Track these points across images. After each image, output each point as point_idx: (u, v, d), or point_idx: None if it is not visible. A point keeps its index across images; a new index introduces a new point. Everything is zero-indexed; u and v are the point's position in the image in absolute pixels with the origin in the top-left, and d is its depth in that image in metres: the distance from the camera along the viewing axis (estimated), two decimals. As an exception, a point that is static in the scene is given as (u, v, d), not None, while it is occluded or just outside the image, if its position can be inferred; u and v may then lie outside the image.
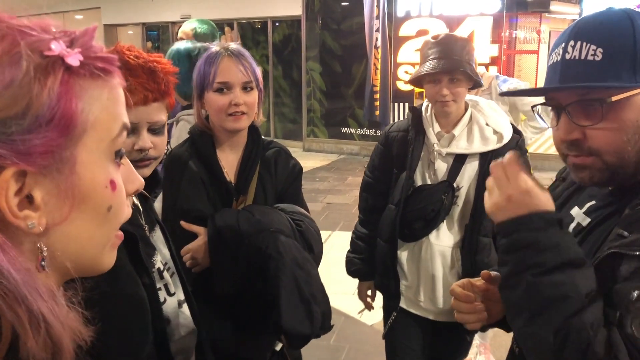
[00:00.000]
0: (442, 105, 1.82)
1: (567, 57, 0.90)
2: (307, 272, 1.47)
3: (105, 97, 0.52)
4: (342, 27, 9.16)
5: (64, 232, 0.51)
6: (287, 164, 1.67)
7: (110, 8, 12.48)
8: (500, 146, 1.80)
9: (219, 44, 1.56)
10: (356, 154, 9.10)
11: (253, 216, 1.49)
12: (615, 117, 0.86)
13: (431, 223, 1.87)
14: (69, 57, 0.49)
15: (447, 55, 1.78)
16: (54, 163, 0.48)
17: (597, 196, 1.00)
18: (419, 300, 1.96)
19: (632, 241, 0.81)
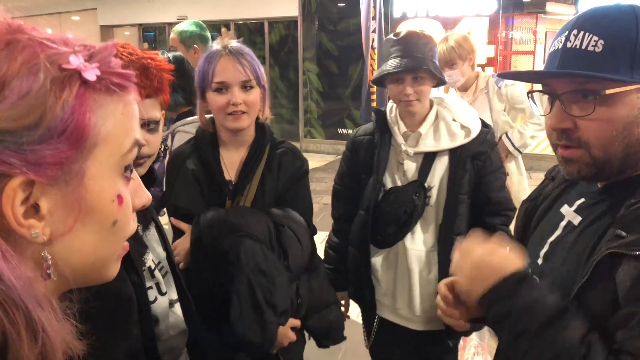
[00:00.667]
0: (406, 105, 1.77)
1: (569, 45, 0.90)
2: (270, 280, 1.43)
3: (119, 112, 0.53)
4: (339, 28, 9.16)
5: (67, 243, 0.51)
6: (292, 164, 1.64)
7: (106, 9, 12.46)
8: (468, 141, 1.76)
9: (220, 41, 1.55)
10: (353, 155, 9.10)
11: (227, 218, 1.48)
12: (607, 110, 0.87)
13: (404, 226, 1.81)
14: (86, 71, 0.49)
15: (410, 54, 1.72)
16: (62, 175, 0.49)
17: (587, 194, 1.01)
18: (396, 308, 1.90)
19: (631, 241, 0.82)
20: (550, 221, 1.08)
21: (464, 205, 1.78)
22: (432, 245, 1.83)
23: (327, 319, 1.68)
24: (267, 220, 1.52)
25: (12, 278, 0.44)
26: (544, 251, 1.04)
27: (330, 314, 1.68)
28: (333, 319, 1.69)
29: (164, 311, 1.23)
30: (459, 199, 1.76)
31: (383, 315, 1.97)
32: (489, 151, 1.78)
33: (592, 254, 0.89)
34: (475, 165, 1.77)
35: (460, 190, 1.76)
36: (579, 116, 0.90)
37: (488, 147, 1.78)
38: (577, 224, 0.99)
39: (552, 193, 1.13)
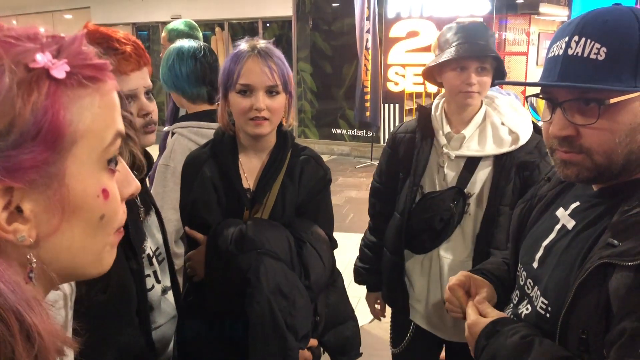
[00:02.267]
0: (466, 97, 1.62)
1: (570, 53, 0.88)
2: (291, 301, 1.34)
3: (96, 105, 0.51)
4: (333, 28, 9.17)
5: (55, 243, 0.50)
6: (315, 173, 1.53)
7: (100, 8, 12.40)
8: (515, 148, 1.62)
9: (249, 40, 1.46)
10: (347, 155, 9.11)
11: (246, 233, 1.38)
12: (610, 118, 0.86)
13: (441, 234, 1.71)
14: (54, 69, 0.47)
15: (474, 40, 1.58)
16: (41, 177, 0.47)
17: (582, 197, 1.00)
18: (428, 315, 1.82)
19: (623, 251, 0.81)
20: (546, 224, 1.07)
21: (504, 217, 1.63)
22: (467, 255, 1.71)
23: (344, 335, 1.59)
24: (288, 235, 1.43)
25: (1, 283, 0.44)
26: (539, 255, 1.04)
27: (347, 330, 1.59)
28: (350, 335, 1.59)
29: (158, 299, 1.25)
30: (500, 210, 1.64)
31: (416, 321, 1.88)
32: (537, 161, 1.62)
33: (584, 260, 0.89)
34: (522, 176, 1.63)
35: (501, 200, 1.63)
36: (582, 125, 0.88)
37: (537, 157, 1.63)
38: (571, 228, 0.98)
39: (547, 194, 1.12)
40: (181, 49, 1.95)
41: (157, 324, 1.26)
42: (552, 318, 0.95)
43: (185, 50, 1.94)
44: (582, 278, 0.85)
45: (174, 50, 1.96)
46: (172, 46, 1.99)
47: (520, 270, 1.10)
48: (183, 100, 2.01)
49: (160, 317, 1.26)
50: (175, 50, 1.95)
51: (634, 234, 0.82)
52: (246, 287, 1.33)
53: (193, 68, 1.92)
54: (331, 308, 1.54)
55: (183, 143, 1.88)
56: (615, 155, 0.87)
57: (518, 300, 1.09)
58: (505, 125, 1.66)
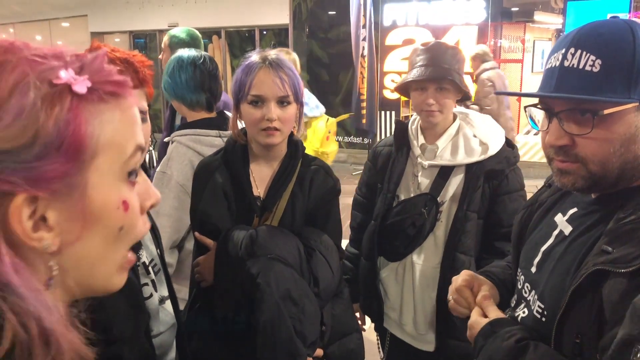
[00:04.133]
0: (428, 115, 1.73)
1: (566, 64, 0.90)
2: (301, 307, 1.35)
3: (117, 119, 0.54)
4: (329, 35, 9.22)
5: (76, 251, 0.53)
6: (325, 183, 1.55)
7: (97, 16, 12.43)
8: (484, 158, 1.70)
9: (259, 51, 1.49)
10: (343, 162, 9.13)
11: (256, 238, 1.39)
12: (605, 128, 0.88)
13: (414, 240, 1.77)
14: (76, 84, 0.50)
15: (436, 63, 1.69)
16: (64, 187, 0.50)
17: (580, 204, 1.01)
18: (402, 323, 1.87)
19: (617, 258, 0.82)
20: (545, 229, 1.09)
21: (472, 223, 1.71)
22: (438, 262, 1.76)
23: (348, 348, 1.59)
24: (298, 242, 1.44)
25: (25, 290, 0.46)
26: (537, 260, 1.05)
27: (351, 343, 1.59)
28: (354, 348, 1.60)
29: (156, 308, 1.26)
30: (467, 216, 1.70)
31: (390, 329, 1.94)
32: (506, 170, 1.71)
33: (579, 266, 0.90)
34: (491, 185, 1.71)
35: (469, 207, 1.70)
36: (577, 134, 0.90)
37: (506, 166, 1.71)
38: (568, 234, 0.99)
39: (547, 200, 1.14)
40: (181, 57, 1.99)
41: (156, 332, 1.27)
42: (547, 322, 0.96)
43: (185, 58, 1.98)
44: (576, 284, 0.87)
45: (174, 59, 2.00)
46: (173, 56, 2.04)
47: (519, 274, 1.12)
48: (183, 108, 2.04)
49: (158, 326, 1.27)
50: (176, 59, 2.00)
51: (628, 241, 0.83)
52: (255, 292, 1.33)
53: (192, 75, 1.95)
54: (336, 319, 1.55)
55: (181, 151, 1.90)
56: (610, 164, 0.89)
57: (516, 303, 1.11)
58: (476, 137, 1.74)
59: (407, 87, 1.79)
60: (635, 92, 0.86)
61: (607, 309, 0.83)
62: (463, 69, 1.77)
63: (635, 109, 0.87)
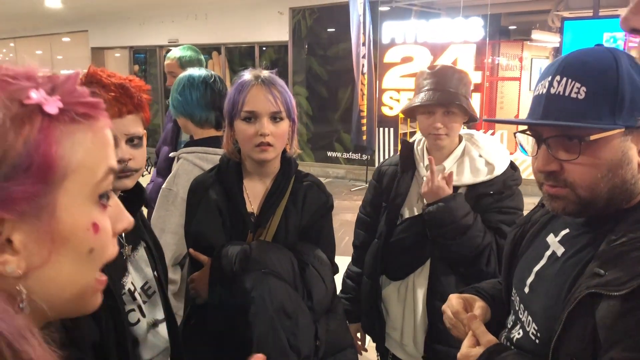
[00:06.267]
0: (435, 139, 1.74)
1: (552, 92, 0.93)
2: (295, 321, 1.37)
3: (89, 141, 0.53)
4: (329, 53, 9.28)
5: (44, 274, 0.51)
6: (317, 199, 1.57)
7: (98, 31, 12.54)
8: (490, 178, 1.71)
9: (252, 70, 1.53)
10: (342, 178, 9.14)
11: (250, 253, 1.41)
12: (592, 154, 0.89)
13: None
14: (47, 105, 0.49)
15: (443, 87, 1.71)
16: (32, 209, 0.48)
17: (571, 224, 1.02)
18: (403, 344, 1.86)
19: (609, 281, 0.83)
20: (537, 249, 1.09)
21: None
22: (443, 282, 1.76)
23: None
24: (291, 257, 1.46)
25: None
26: (530, 280, 1.06)
27: (346, 358, 1.60)
28: None
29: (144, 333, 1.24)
30: None
31: (392, 349, 1.92)
32: (502, 190, 1.72)
33: (571, 288, 0.91)
34: (484, 202, 1.72)
35: None
36: (565, 160, 0.92)
37: (503, 187, 1.72)
38: (560, 255, 1.00)
39: (540, 220, 1.14)
40: (192, 76, 2.02)
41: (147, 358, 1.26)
42: (541, 344, 0.97)
43: (196, 77, 2.01)
44: (571, 307, 0.87)
45: (185, 77, 2.03)
46: (183, 74, 2.07)
47: (515, 294, 1.12)
48: (190, 126, 2.05)
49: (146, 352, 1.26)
50: (187, 77, 2.03)
51: (620, 263, 0.83)
52: (250, 306, 1.35)
53: (203, 93, 1.99)
54: (331, 334, 1.55)
55: (188, 168, 1.91)
56: (599, 189, 0.91)
57: (512, 324, 1.11)
58: (482, 157, 1.76)
59: (414, 111, 1.80)
60: (620, 118, 0.87)
61: (601, 331, 0.83)
62: (470, 92, 1.78)
63: (621, 135, 0.88)
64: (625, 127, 0.88)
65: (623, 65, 0.89)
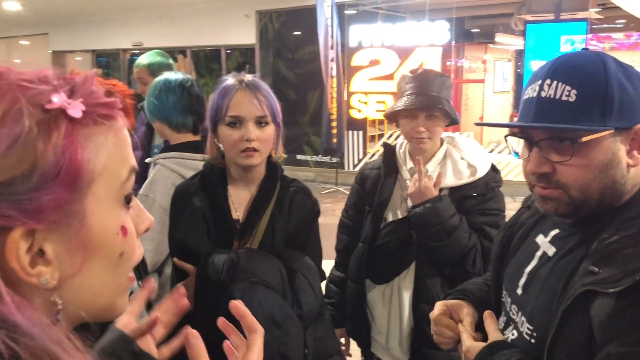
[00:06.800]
0: (418, 142, 1.75)
1: (543, 95, 0.94)
2: (285, 331, 1.34)
3: (111, 142, 0.52)
4: (296, 56, 9.27)
5: (77, 283, 0.50)
6: (304, 205, 1.55)
7: (58, 34, 12.23)
8: (473, 180, 1.73)
9: (235, 75, 1.51)
10: (312, 181, 9.13)
11: (238, 262, 1.38)
12: (584, 155, 0.91)
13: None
14: (70, 108, 0.48)
15: (425, 91, 1.71)
16: (63, 217, 0.47)
17: (561, 225, 1.04)
18: (389, 347, 1.86)
19: (604, 278, 0.84)
20: (527, 250, 1.10)
21: None
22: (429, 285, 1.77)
23: None
24: (279, 265, 1.44)
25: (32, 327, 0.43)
26: (522, 281, 1.07)
27: None
28: None
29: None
30: None
31: (378, 354, 1.92)
32: (485, 192, 1.74)
33: (566, 286, 0.92)
34: (467, 204, 1.74)
35: None
36: (557, 162, 0.93)
37: (485, 189, 1.74)
38: (552, 255, 1.01)
39: (528, 222, 1.16)
40: (169, 79, 1.99)
41: None
42: (537, 343, 0.98)
43: (172, 81, 1.98)
44: (566, 305, 0.88)
45: (161, 81, 2.00)
46: (159, 78, 2.03)
47: (505, 296, 1.13)
48: (167, 130, 2.01)
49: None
50: (163, 81, 1.99)
51: (614, 261, 0.85)
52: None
53: (180, 97, 1.96)
54: (319, 341, 1.53)
55: (165, 174, 1.88)
56: (591, 190, 0.92)
57: (505, 325, 1.12)
58: (464, 160, 1.78)
59: (396, 115, 1.80)
60: (610, 120, 0.89)
61: (596, 328, 0.84)
62: (451, 96, 1.79)
63: (611, 136, 0.90)
64: (615, 129, 0.90)
65: (611, 68, 0.91)
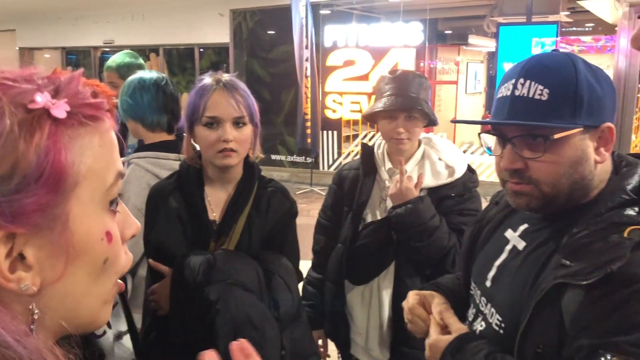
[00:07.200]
0: (397, 143, 1.76)
1: (517, 94, 0.97)
2: (261, 332, 1.33)
3: (96, 144, 0.50)
4: (270, 55, 9.22)
5: (59, 290, 0.48)
6: (282, 205, 1.55)
7: (26, 30, 11.93)
8: (451, 180, 1.75)
9: (212, 74, 1.48)
10: (287, 181, 9.09)
11: (214, 263, 1.37)
12: (555, 152, 0.95)
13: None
14: (54, 109, 0.46)
15: (404, 92, 1.72)
16: (45, 221, 0.45)
17: (530, 220, 1.08)
18: (368, 348, 1.86)
19: (576, 271, 0.87)
20: (496, 244, 1.14)
21: None
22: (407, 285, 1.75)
23: None
24: (257, 266, 1.43)
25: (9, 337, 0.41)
26: (491, 274, 1.10)
27: None
28: None
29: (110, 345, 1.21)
30: None
31: (357, 355, 1.92)
32: (463, 192, 1.76)
33: (536, 279, 0.96)
34: (446, 204, 1.76)
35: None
36: (530, 158, 0.97)
37: (463, 189, 1.76)
38: (522, 248, 1.05)
39: (495, 217, 1.20)
40: (143, 78, 1.96)
41: None
42: (506, 333, 1.01)
43: (147, 79, 1.96)
44: (539, 297, 0.91)
45: (135, 80, 1.97)
46: (133, 77, 2.00)
47: (475, 289, 1.17)
48: (141, 129, 1.98)
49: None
50: (137, 79, 1.97)
51: (584, 255, 0.89)
52: (215, 318, 1.31)
53: (155, 95, 1.93)
54: (296, 343, 1.53)
55: (139, 174, 1.85)
56: (561, 185, 0.96)
57: (474, 317, 1.15)
58: (442, 160, 1.79)
59: (375, 115, 1.80)
60: (580, 118, 0.93)
61: (567, 320, 0.88)
62: (429, 97, 1.80)
63: (581, 134, 0.95)
64: (584, 127, 0.94)
65: (580, 69, 0.95)
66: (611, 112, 0.98)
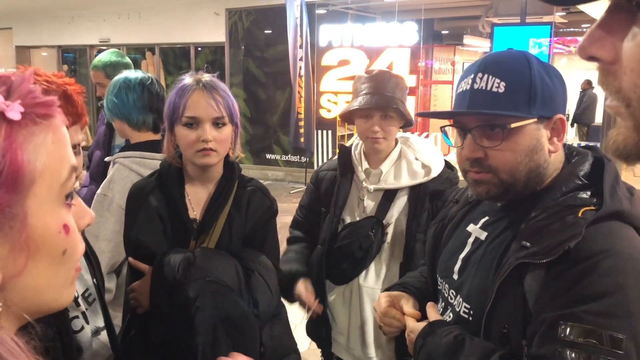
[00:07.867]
0: (373, 142, 1.77)
1: (475, 87, 1.04)
2: (240, 330, 1.35)
3: (50, 141, 0.51)
4: (266, 55, 9.24)
5: (21, 283, 0.50)
6: (262, 204, 1.56)
7: (23, 29, 11.91)
8: (428, 179, 1.77)
9: (192, 74, 1.50)
10: (281, 180, 9.13)
11: (194, 261, 1.38)
12: (512, 141, 1.02)
13: (360, 263, 1.80)
14: (9, 111, 0.48)
15: (380, 92, 1.74)
16: (4, 220, 0.47)
17: (490, 212, 1.15)
18: (350, 347, 1.88)
19: (535, 252, 0.93)
20: (459, 239, 1.20)
21: (419, 244, 1.75)
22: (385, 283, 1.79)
23: None
24: (236, 264, 1.44)
25: None
26: (457, 267, 1.16)
27: None
28: None
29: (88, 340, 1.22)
30: (416, 237, 1.76)
31: (339, 354, 1.93)
32: (447, 190, 1.77)
33: (500, 263, 1.01)
34: (435, 205, 1.77)
35: (417, 228, 1.76)
36: (488, 147, 1.03)
37: (448, 186, 1.78)
38: (484, 238, 1.11)
39: (457, 214, 1.26)
40: (128, 77, 1.96)
41: None
42: (474, 320, 1.06)
43: (132, 79, 1.96)
44: (502, 279, 0.96)
45: (121, 79, 1.97)
46: (118, 76, 2.00)
47: (442, 283, 1.22)
48: (127, 129, 1.99)
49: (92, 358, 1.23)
50: (123, 79, 1.97)
51: (543, 236, 0.95)
52: (194, 315, 1.32)
53: (140, 95, 1.94)
54: (275, 340, 1.54)
55: (124, 174, 1.85)
56: (518, 173, 1.03)
57: (443, 310, 1.21)
58: (418, 160, 1.82)
59: (352, 115, 1.82)
60: (534, 109, 1.01)
61: (530, 298, 0.94)
62: (405, 97, 1.82)
63: (535, 124, 1.02)
64: (538, 117, 1.01)
65: (534, 65, 1.02)
66: (562, 104, 1.05)
